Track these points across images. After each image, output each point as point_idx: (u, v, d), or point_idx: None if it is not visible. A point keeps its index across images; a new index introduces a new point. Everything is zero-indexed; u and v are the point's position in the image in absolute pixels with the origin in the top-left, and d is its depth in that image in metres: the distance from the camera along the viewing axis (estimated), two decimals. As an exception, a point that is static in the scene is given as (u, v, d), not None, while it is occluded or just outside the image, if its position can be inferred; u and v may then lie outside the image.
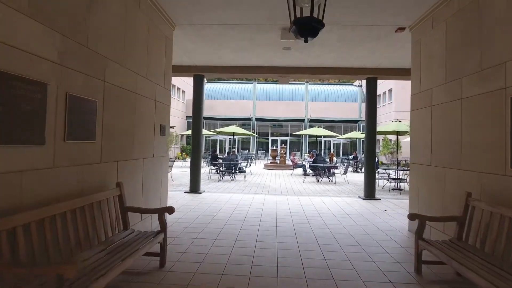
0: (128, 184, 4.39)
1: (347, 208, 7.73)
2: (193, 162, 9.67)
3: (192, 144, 9.75)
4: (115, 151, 4.02)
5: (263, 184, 12.38)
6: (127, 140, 4.37)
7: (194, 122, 9.70)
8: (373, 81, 9.47)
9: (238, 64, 9.17)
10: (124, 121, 4.25)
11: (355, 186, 12.47)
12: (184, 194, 9.26)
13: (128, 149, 4.39)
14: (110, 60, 3.86)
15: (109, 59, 3.84)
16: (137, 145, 4.67)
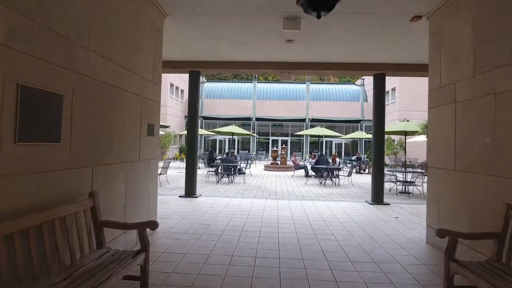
0: (107, 193, 3.77)
1: (355, 215, 7.11)
2: (189, 163, 9.05)
3: (188, 144, 9.14)
4: (89, 154, 3.41)
5: (263, 187, 11.76)
6: (105, 142, 3.75)
7: (190, 121, 9.08)
8: (381, 77, 8.85)
9: (237, 59, 8.55)
10: (101, 119, 3.63)
11: (360, 189, 11.85)
12: (179, 198, 8.64)
13: (106, 152, 3.77)
14: (84, 48, 3.25)
15: (82, 47, 3.22)
16: (118, 147, 4.05)
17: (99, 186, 3.61)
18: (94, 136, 3.50)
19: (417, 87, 25.47)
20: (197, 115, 9.15)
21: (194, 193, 8.99)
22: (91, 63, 3.38)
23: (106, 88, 3.72)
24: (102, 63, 3.61)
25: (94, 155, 3.51)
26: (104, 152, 3.74)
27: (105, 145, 3.75)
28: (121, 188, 4.17)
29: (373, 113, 9.02)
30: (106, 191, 3.78)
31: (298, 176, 16.05)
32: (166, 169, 11.70)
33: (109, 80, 3.76)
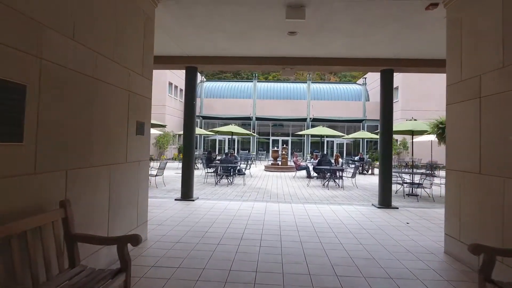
0: (86, 200, 3.29)
1: (363, 220, 6.61)
2: (185, 164, 8.56)
3: (184, 144, 8.65)
4: (61, 156, 2.92)
5: (264, 189, 11.27)
6: (83, 142, 3.26)
7: (187, 120, 8.59)
8: (389, 73, 8.35)
9: (236, 54, 8.06)
10: (77, 115, 3.14)
11: (365, 191, 11.35)
12: (175, 202, 8.15)
13: (85, 154, 3.28)
14: (53, 30, 2.76)
15: (51, 29, 2.73)
16: (100, 147, 3.56)
17: (76, 192, 3.12)
18: (68, 135, 3.01)
19: (420, 86, 24.99)
20: (194, 113, 8.66)
21: (191, 196, 8.49)
22: (62, 48, 2.89)
23: (83, 80, 3.23)
24: (77, 50, 3.12)
25: (68, 157, 3.02)
26: (82, 154, 3.25)
27: (83, 145, 3.26)
28: (104, 194, 3.68)
29: (380, 112, 8.53)
30: (85, 198, 3.29)
31: (300, 177, 15.56)
32: (162, 170, 11.21)
33: (87, 70, 3.27)
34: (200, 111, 30.88)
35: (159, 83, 26.09)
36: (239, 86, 34.46)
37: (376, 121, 30.41)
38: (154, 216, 6.53)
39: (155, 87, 20.84)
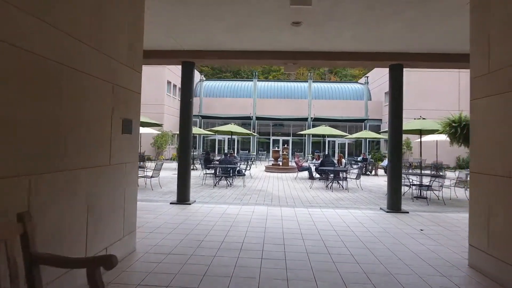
0: (55, 211, 2.77)
1: (373, 227, 6.10)
2: (182, 166, 8.05)
3: (180, 144, 8.13)
4: (21, 159, 2.40)
5: (265, 191, 10.75)
6: (52, 142, 2.75)
7: (183, 118, 8.08)
8: (398, 68, 7.84)
9: (235, 47, 7.54)
10: (42, 109, 2.62)
11: (371, 193, 10.83)
12: (170, 206, 7.63)
13: (54, 156, 2.77)
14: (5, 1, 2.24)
15: (6, 2, 2.22)
16: (74, 148, 3.05)
17: (43, 202, 2.61)
18: (31, 133, 2.49)
19: (420, 85, 24.49)
20: (190, 111, 8.15)
21: (187, 199, 7.98)
22: (19, 25, 2.37)
23: (50, 66, 2.71)
24: (39, 28, 2.60)
25: (32, 159, 2.51)
26: (52, 156, 2.73)
27: (53, 147, 2.75)
28: (80, 203, 3.16)
29: (389, 110, 8.02)
30: (55, 208, 2.78)
31: (302, 178, 15.05)
32: (158, 171, 10.70)
33: (52, 55, 2.75)
34: (200, 111, 30.38)
35: (157, 81, 25.59)
36: (239, 85, 33.95)
37: (378, 120, 29.93)
38: (147, 222, 6.02)
39: (153, 86, 20.77)
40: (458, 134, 8.67)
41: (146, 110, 25.27)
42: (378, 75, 31.33)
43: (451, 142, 9.19)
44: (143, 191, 10.06)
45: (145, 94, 24.56)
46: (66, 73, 2.90)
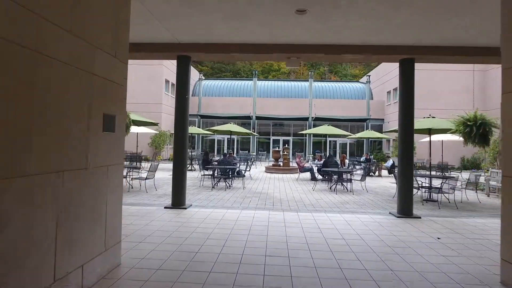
0: (15, 225, 2.24)
1: (385, 235, 5.57)
2: (177, 167, 7.51)
3: (175, 145, 7.60)
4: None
5: (266, 193, 10.22)
6: (9, 141, 2.21)
7: (178, 117, 7.55)
8: (409, 64, 7.31)
9: (234, 40, 7.00)
10: None
11: (377, 196, 10.30)
12: (164, 210, 7.10)
13: (13, 158, 2.24)
14: None
15: None
16: (40, 149, 2.52)
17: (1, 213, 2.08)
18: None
19: (426, 83, 23.97)
20: (186, 109, 7.62)
21: (182, 203, 7.45)
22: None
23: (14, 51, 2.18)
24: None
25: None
26: (10, 158, 2.20)
27: (14, 147, 2.22)
28: (48, 213, 2.63)
29: (399, 108, 7.49)
30: (15, 221, 2.25)
31: (303, 180, 14.52)
32: (153, 172, 10.16)
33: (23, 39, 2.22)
34: (198, 110, 29.85)
35: (155, 80, 25.07)
36: (238, 84, 33.43)
37: (381, 120, 29.41)
38: (137, 229, 5.49)
39: (151, 85, 20.15)
40: (473, 133, 8.14)
41: (144, 109, 24.73)
42: (380, 74, 30.83)
43: (465, 142, 8.66)
44: (137, 193, 9.52)
45: (143, 93, 23.91)
46: (26, 56, 2.36)
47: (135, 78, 25.30)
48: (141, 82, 25.20)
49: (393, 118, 27.01)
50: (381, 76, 30.51)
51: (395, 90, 27.07)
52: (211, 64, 59.19)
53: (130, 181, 10.44)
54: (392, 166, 17.55)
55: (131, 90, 26.56)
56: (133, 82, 25.84)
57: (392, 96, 27.77)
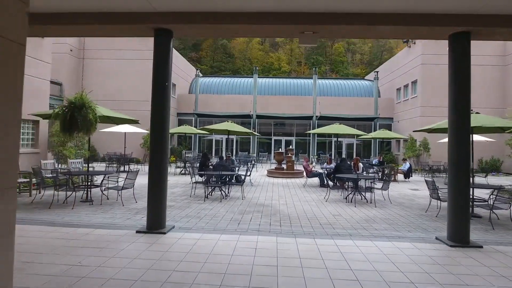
0: None
1: (449, 283, 3.73)
2: (153, 179, 5.68)
3: (151, 145, 5.75)
4: None
5: (270, 206, 8.39)
6: None
7: (155, 111, 5.73)
8: (464, 39, 5.47)
9: (229, 8, 5.18)
10: None
11: (405, 209, 8.47)
12: (135, 236, 5.27)
13: None
14: None
15: None
16: None
17: None
18: None
19: (443, 79, 22.14)
20: (166, 99, 5.79)
21: (161, 226, 5.61)
22: None
23: None
24: None
25: None
26: None
27: None
28: None
29: (450, 100, 5.63)
30: None
31: (312, 186, 12.68)
32: (132, 180, 8.32)
33: None
34: (195, 108, 28.02)
35: (147, 76, 23.20)
36: (238, 82, 31.60)
37: (389, 119, 27.61)
38: (86, 274, 3.67)
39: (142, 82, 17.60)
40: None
41: (133, 107, 22.90)
42: (388, 70, 29.02)
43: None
44: (110, 207, 7.69)
45: (131, 90, 22.00)
46: None
47: (122, 74, 23.49)
48: (129, 78, 23.42)
49: (404, 117, 25.18)
50: (390, 73, 28.69)
51: (406, 87, 25.24)
52: (210, 63, 57.29)
53: (105, 192, 8.60)
54: (409, 170, 15.74)
55: (118, 86, 24.68)
56: (120, 78, 24.04)
57: (402, 93, 25.93)
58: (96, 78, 23.91)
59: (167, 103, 5.78)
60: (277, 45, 60.89)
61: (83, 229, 5.57)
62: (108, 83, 23.46)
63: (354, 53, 61.56)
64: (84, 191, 8.47)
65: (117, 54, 24.00)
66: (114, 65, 23.87)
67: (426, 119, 22.25)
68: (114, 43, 23.91)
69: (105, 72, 23.85)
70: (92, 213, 7.08)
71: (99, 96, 23.21)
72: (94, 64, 24.24)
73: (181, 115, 28.54)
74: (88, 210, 7.37)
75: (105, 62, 24.05)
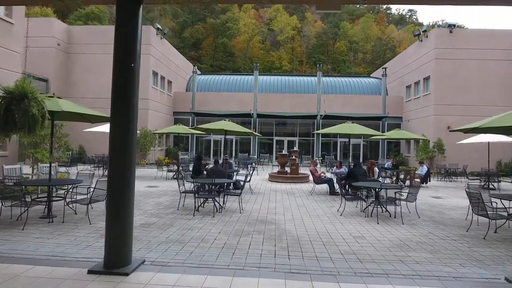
0: None
1: None
2: (114, 190, 4.10)
3: (110, 147, 4.13)
4: None
5: (273, 223, 6.82)
6: None
7: (117, 99, 4.12)
8: None
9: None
10: None
11: (441, 227, 6.88)
12: (85, 280, 3.69)
13: None
14: None
15: None
16: None
17: None
18: None
19: (456, 75, 20.52)
20: (133, 85, 4.21)
21: (125, 262, 4.03)
22: None
23: None
24: None
25: None
26: None
27: None
28: None
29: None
30: None
31: (320, 194, 11.10)
32: (104, 191, 6.72)
33: None
34: (192, 107, 26.45)
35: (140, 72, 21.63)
36: (238, 79, 30.04)
37: (398, 118, 26.02)
38: None
39: None
40: None
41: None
42: (396, 67, 27.41)
43: None
44: (73, 227, 6.12)
45: None
46: None
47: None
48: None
49: (415, 116, 23.56)
50: (398, 69, 27.08)
51: (417, 84, 23.62)
52: (211, 62, 55.61)
53: (71, 206, 7.02)
54: (427, 174, 14.14)
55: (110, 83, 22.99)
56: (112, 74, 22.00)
57: (413, 90, 24.29)
58: (88, 74, 22.30)
59: (134, 90, 4.20)
60: (278, 44, 59.42)
61: (17, 267, 4.01)
62: (99, 79, 21.77)
63: (356, 52, 60.09)
64: (46, 204, 6.89)
65: (109, 48, 22.24)
66: (106, 60, 22.13)
67: (440, 118, 20.67)
68: (106, 35, 22.33)
69: (96, 67, 22.14)
70: (47, 235, 5.51)
71: (89, 93, 21.71)
72: (84, 59, 22.64)
73: (177, 114, 26.98)
74: (44, 231, 5.79)
75: (97, 57, 22.36)
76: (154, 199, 9.43)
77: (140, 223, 6.49)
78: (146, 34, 22.23)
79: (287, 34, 57.80)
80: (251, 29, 58.26)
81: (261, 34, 59.99)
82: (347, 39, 60.53)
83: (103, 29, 24.05)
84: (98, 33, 22.92)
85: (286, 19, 59.24)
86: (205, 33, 57.06)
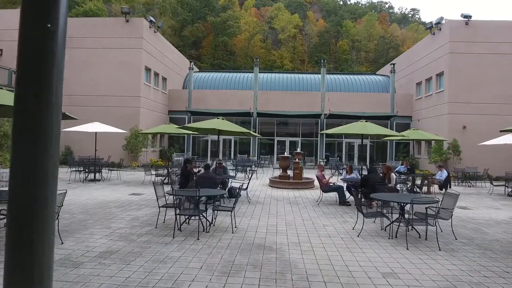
0: None
1: None
2: (16, 215, 2.55)
3: (13, 147, 2.64)
4: None
5: (275, 250, 5.29)
6: None
7: (22, 72, 2.59)
8: None
9: None
10: None
11: (486, 253, 5.35)
12: None
13: None
14: None
15: None
16: None
17: None
18: None
19: (472, 71, 18.94)
20: (53, 55, 2.67)
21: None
22: None
23: None
24: None
25: None
26: None
27: None
28: None
29: None
30: None
31: (328, 204, 9.56)
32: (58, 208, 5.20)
33: None
34: (188, 106, 24.92)
35: (131, 67, 20.15)
36: (237, 77, 28.57)
37: (408, 118, 24.45)
38: None
39: (126, 73, 12.32)
40: None
41: (117, 103, 19.71)
42: (404, 63, 25.81)
43: None
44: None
45: (115, 84, 18.27)
46: None
47: (104, 64, 20.22)
48: (112, 69, 20.20)
49: (426, 114, 21.96)
50: (406, 66, 25.51)
51: (429, 80, 22.03)
52: (211, 61, 54.07)
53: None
54: (447, 179, 12.57)
55: (98, 79, 21.29)
56: (101, 70, 20.67)
57: (424, 88, 22.69)
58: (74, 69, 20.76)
59: (54, 57, 2.65)
60: (279, 43, 57.97)
61: None
62: (88, 75, 20.22)
63: (358, 50, 58.62)
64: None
65: (99, 42, 20.69)
66: (95, 54, 20.57)
67: (455, 117, 19.09)
68: (95, 29, 20.84)
69: (86, 63, 20.51)
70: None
71: (76, 90, 20.14)
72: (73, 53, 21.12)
73: (173, 113, 25.47)
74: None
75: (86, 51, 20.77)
76: (132, 212, 7.93)
77: (100, 251, 4.96)
78: (137, 27, 20.74)
79: (289, 32, 56.31)
80: (252, 28, 56.79)
81: (262, 33, 58.54)
82: (350, 38, 59.07)
83: (95, 21, 22.51)
84: (89, 25, 21.43)
85: (288, 18, 57.74)
86: (205, 32, 55.63)
